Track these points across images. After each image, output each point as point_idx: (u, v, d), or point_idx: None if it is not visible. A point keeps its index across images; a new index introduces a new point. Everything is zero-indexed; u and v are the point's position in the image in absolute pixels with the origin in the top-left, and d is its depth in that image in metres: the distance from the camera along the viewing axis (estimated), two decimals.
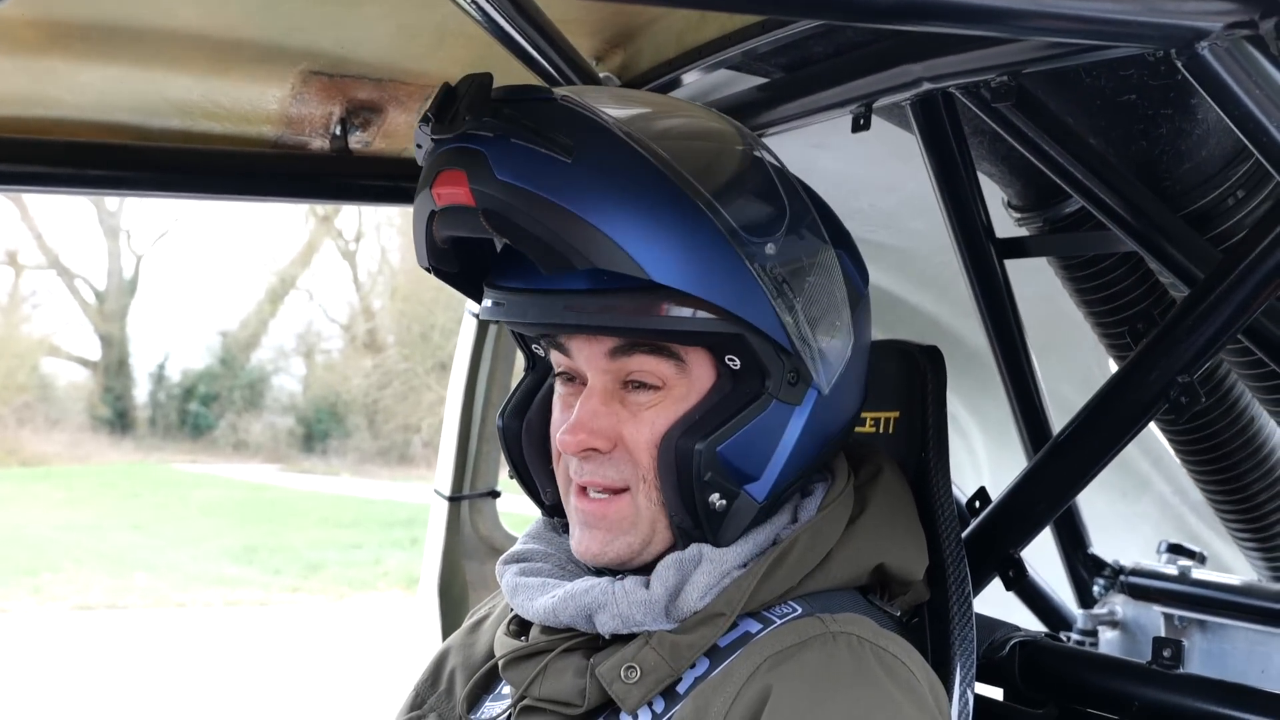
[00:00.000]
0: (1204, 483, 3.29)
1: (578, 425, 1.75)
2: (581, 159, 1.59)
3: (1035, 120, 2.41)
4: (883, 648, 1.71)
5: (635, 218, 1.60)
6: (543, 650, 1.79)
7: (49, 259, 30.97)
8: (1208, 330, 2.15)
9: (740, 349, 1.69)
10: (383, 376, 30.64)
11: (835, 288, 1.75)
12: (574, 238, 1.59)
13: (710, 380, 1.74)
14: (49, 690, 11.04)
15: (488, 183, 1.60)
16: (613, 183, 1.61)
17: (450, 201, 1.66)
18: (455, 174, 1.63)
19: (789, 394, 1.72)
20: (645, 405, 1.74)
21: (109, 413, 30.95)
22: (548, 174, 1.59)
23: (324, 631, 14.16)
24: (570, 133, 1.60)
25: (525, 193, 1.59)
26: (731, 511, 1.73)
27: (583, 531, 1.80)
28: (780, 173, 1.76)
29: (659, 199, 1.62)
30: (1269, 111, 1.67)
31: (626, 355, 1.73)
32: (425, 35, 2.54)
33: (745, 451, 1.71)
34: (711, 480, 1.70)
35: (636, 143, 1.63)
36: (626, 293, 1.66)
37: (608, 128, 1.63)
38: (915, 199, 3.12)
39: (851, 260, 1.82)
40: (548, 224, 1.59)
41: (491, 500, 3.63)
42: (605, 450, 1.75)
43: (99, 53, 2.44)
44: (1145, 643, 2.19)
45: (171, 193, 2.88)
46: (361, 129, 2.77)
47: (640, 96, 1.79)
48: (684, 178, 1.63)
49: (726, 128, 1.81)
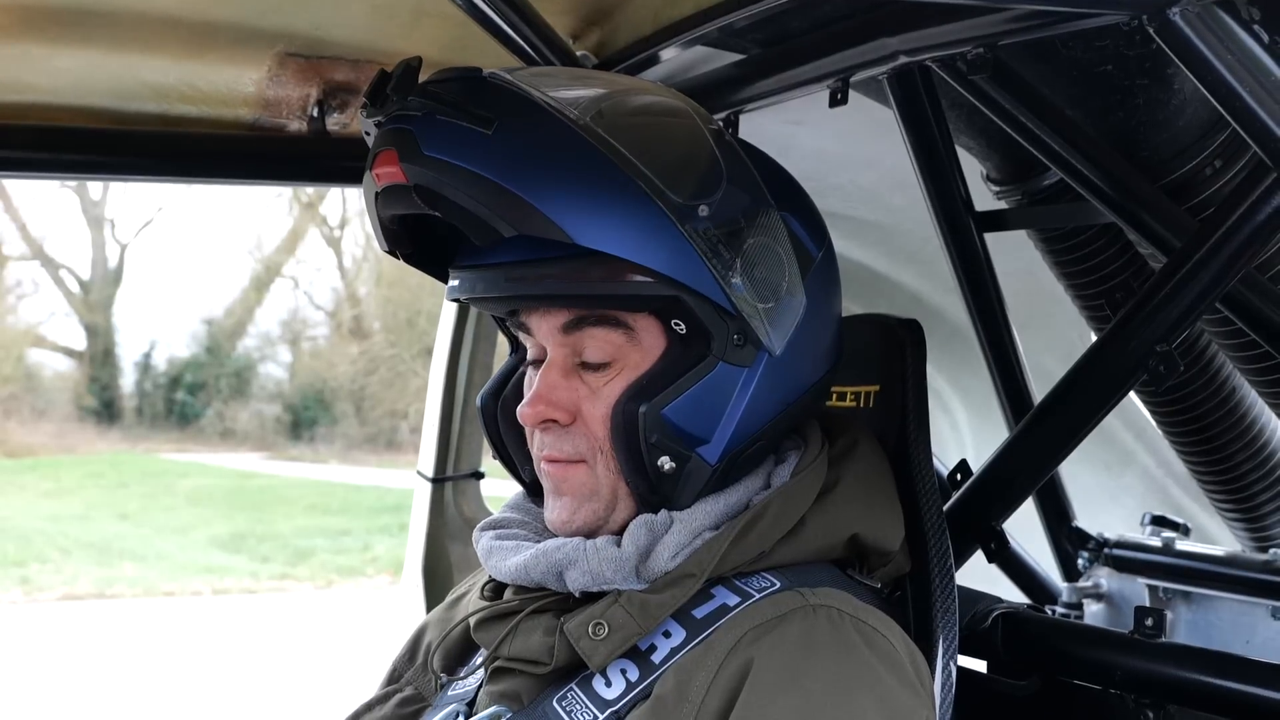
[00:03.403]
0: (1187, 455, 3.29)
1: (536, 398, 1.78)
2: (501, 130, 1.63)
3: (1012, 92, 2.41)
4: (863, 620, 1.71)
5: (558, 183, 1.64)
6: (514, 610, 1.81)
7: (33, 249, 30.90)
8: (1185, 299, 2.15)
9: (682, 312, 1.71)
10: (369, 363, 30.63)
11: (780, 249, 1.76)
12: (497, 206, 1.63)
13: (661, 347, 1.76)
14: (37, 681, 11.03)
15: (416, 159, 1.65)
16: (534, 151, 1.65)
17: (388, 181, 1.70)
18: (389, 153, 1.67)
19: (736, 355, 1.73)
20: (603, 379, 1.77)
21: (95, 403, 30.90)
22: (470, 146, 1.63)
23: (312, 619, 14.16)
24: (493, 106, 1.65)
25: (449, 165, 1.63)
26: (684, 474, 1.74)
27: (553, 500, 1.83)
28: (717, 135, 1.77)
29: (582, 165, 1.65)
30: (1241, 77, 1.67)
31: (578, 329, 1.76)
32: (401, 15, 2.54)
33: (693, 414, 1.73)
34: (659, 443, 1.72)
35: (557, 111, 1.66)
36: (560, 260, 1.69)
37: (530, 99, 1.67)
38: (895, 174, 3.11)
39: (802, 223, 1.82)
40: (473, 195, 1.63)
41: (475, 481, 3.63)
42: (565, 423, 1.78)
43: (73, 36, 2.43)
44: (1130, 615, 2.19)
45: (149, 176, 2.88)
46: (339, 110, 2.76)
47: (575, 72, 1.84)
48: (608, 142, 1.65)
49: (662, 96, 1.84)
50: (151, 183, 2.97)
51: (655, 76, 2.63)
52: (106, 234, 31.33)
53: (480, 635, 1.85)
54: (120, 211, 32.25)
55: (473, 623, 1.86)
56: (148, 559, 17.57)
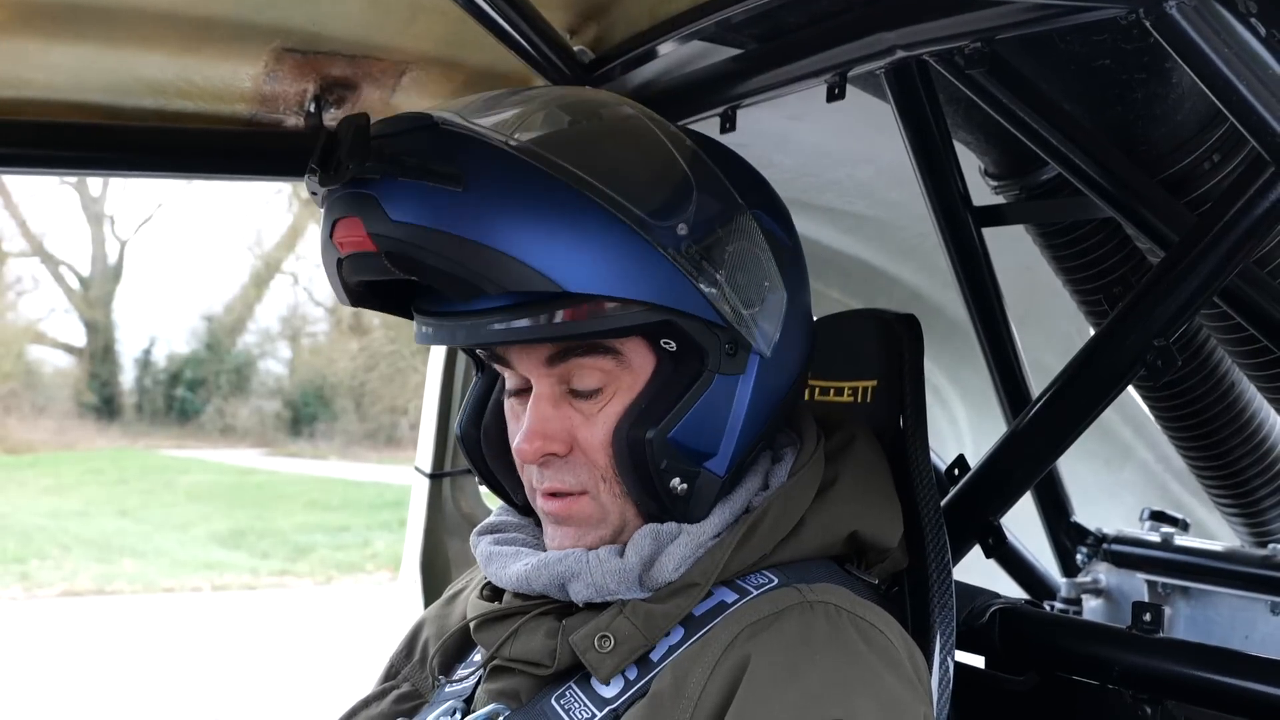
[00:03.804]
0: (1186, 449, 3.29)
1: (531, 433, 1.73)
2: (473, 184, 1.57)
3: (1010, 87, 2.40)
4: (860, 616, 1.71)
5: (537, 233, 1.57)
6: (516, 613, 1.79)
7: (33, 246, 30.92)
8: (1182, 294, 2.14)
9: (672, 333, 1.67)
10: (369, 359, 30.61)
11: (758, 249, 1.73)
12: (480, 265, 1.56)
13: (651, 367, 1.72)
14: (38, 677, 11.03)
15: (383, 225, 1.57)
16: (508, 202, 1.58)
17: (353, 249, 1.63)
18: (351, 221, 1.60)
19: (730, 365, 1.71)
20: (596, 405, 1.73)
21: (95, 399, 30.91)
22: (441, 206, 1.56)
23: (312, 615, 14.16)
24: (455, 158, 1.58)
25: (422, 229, 1.56)
26: (695, 491, 1.73)
27: (554, 529, 1.80)
28: (677, 141, 1.73)
29: (558, 209, 1.59)
30: (1238, 71, 1.66)
31: (564, 360, 1.71)
32: (398, 11, 2.53)
33: (697, 431, 1.70)
34: (669, 466, 1.69)
35: (526, 154, 1.60)
36: (547, 304, 1.62)
37: (493, 145, 1.60)
38: (893, 169, 3.11)
39: (771, 215, 1.79)
40: (452, 256, 1.56)
41: (473, 477, 3.62)
42: (563, 454, 1.74)
43: (70, 32, 2.42)
44: (1129, 610, 2.19)
45: (146, 172, 2.86)
46: (336, 106, 2.76)
47: (514, 98, 1.75)
48: (581, 179, 1.60)
49: (616, 109, 1.78)
50: (148, 178, 2.96)
51: (651, 72, 2.63)
52: (106, 230, 31.37)
53: (480, 636, 1.84)
54: (120, 208, 32.39)
55: (473, 625, 1.85)
56: (147, 555, 17.56)
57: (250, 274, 32.52)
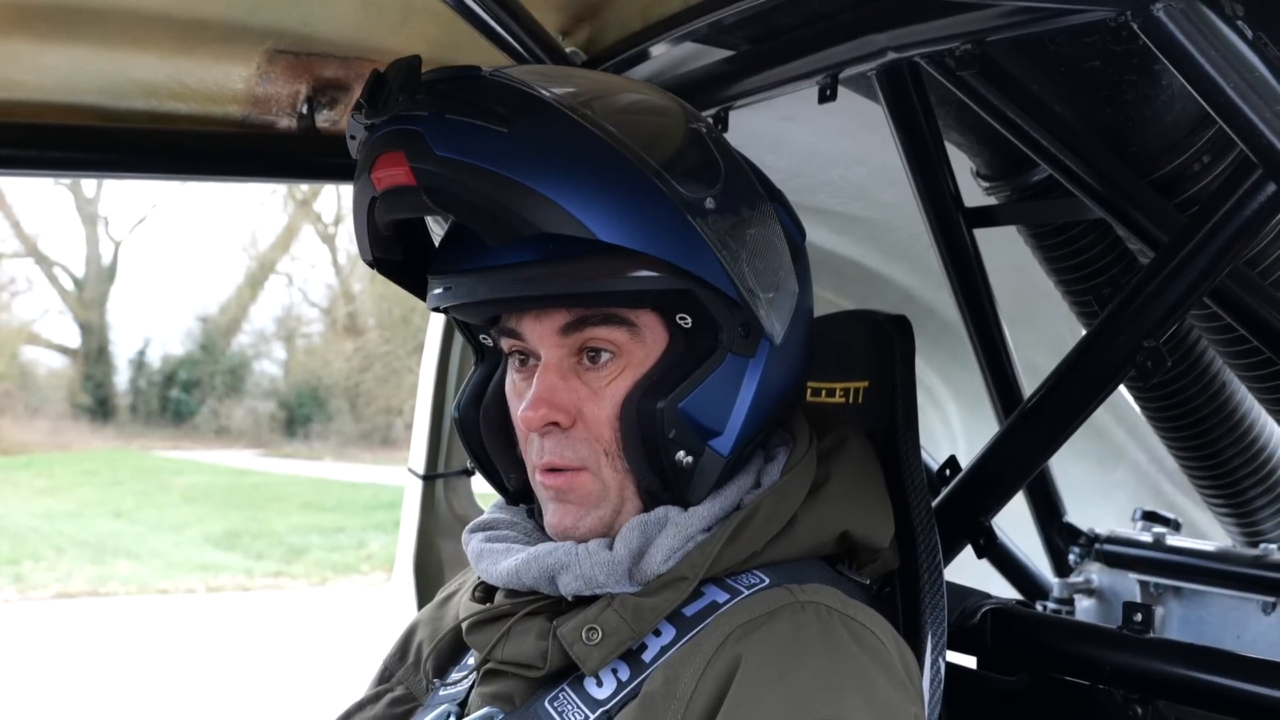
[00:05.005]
0: (1178, 450, 3.30)
1: (537, 400, 1.74)
2: (517, 128, 1.60)
3: (1000, 88, 2.41)
4: (851, 617, 1.71)
5: (576, 180, 1.60)
6: (506, 614, 1.79)
7: (27, 247, 30.87)
8: (1172, 294, 2.15)
9: (690, 305, 1.70)
10: (364, 360, 30.63)
11: (776, 239, 1.77)
12: (518, 204, 1.59)
13: (664, 342, 1.74)
14: (31, 679, 11.02)
15: (427, 159, 1.60)
16: (550, 149, 1.62)
17: (391, 184, 1.66)
18: (394, 155, 1.63)
19: (742, 346, 1.73)
20: (605, 379, 1.74)
21: (89, 400, 30.89)
22: (486, 145, 1.59)
23: (307, 616, 14.16)
24: (503, 104, 1.61)
25: (466, 165, 1.59)
26: (699, 468, 1.74)
27: (555, 506, 1.80)
28: (709, 129, 1.78)
29: (596, 161, 1.62)
30: (1225, 73, 1.67)
31: (579, 330, 1.73)
32: (390, 12, 2.53)
33: (706, 406, 1.72)
34: (676, 438, 1.71)
35: (568, 108, 1.64)
36: (574, 259, 1.66)
37: (539, 97, 1.64)
38: (885, 170, 3.12)
39: (787, 214, 1.84)
40: (491, 194, 1.59)
41: (466, 478, 3.63)
42: (566, 425, 1.75)
43: (62, 33, 2.42)
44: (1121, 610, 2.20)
45: (139, 174, 2.86)
46: (328, 107, 2.76)
47: (563, 71, 1.81)
48: (617, 138, 1.64)
49: (650, 92, 1.84)
50: (140, 180, 2.96)
51: (644, 73, 2.63)
52: (100, 231, 31.36)
53: (473, 638, 1.84)
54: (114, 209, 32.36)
55: (465, 626, 1.85)
56: (142, 556, 17.55)
57: (245, 275, 32.56)
